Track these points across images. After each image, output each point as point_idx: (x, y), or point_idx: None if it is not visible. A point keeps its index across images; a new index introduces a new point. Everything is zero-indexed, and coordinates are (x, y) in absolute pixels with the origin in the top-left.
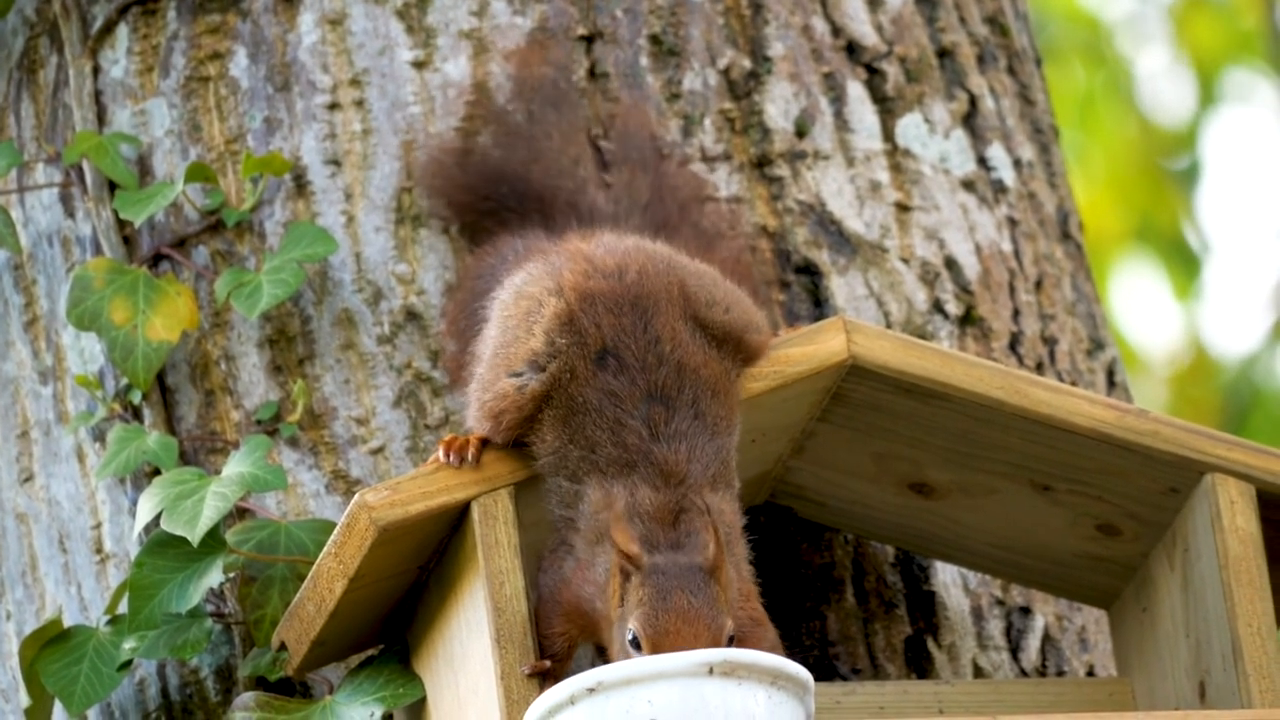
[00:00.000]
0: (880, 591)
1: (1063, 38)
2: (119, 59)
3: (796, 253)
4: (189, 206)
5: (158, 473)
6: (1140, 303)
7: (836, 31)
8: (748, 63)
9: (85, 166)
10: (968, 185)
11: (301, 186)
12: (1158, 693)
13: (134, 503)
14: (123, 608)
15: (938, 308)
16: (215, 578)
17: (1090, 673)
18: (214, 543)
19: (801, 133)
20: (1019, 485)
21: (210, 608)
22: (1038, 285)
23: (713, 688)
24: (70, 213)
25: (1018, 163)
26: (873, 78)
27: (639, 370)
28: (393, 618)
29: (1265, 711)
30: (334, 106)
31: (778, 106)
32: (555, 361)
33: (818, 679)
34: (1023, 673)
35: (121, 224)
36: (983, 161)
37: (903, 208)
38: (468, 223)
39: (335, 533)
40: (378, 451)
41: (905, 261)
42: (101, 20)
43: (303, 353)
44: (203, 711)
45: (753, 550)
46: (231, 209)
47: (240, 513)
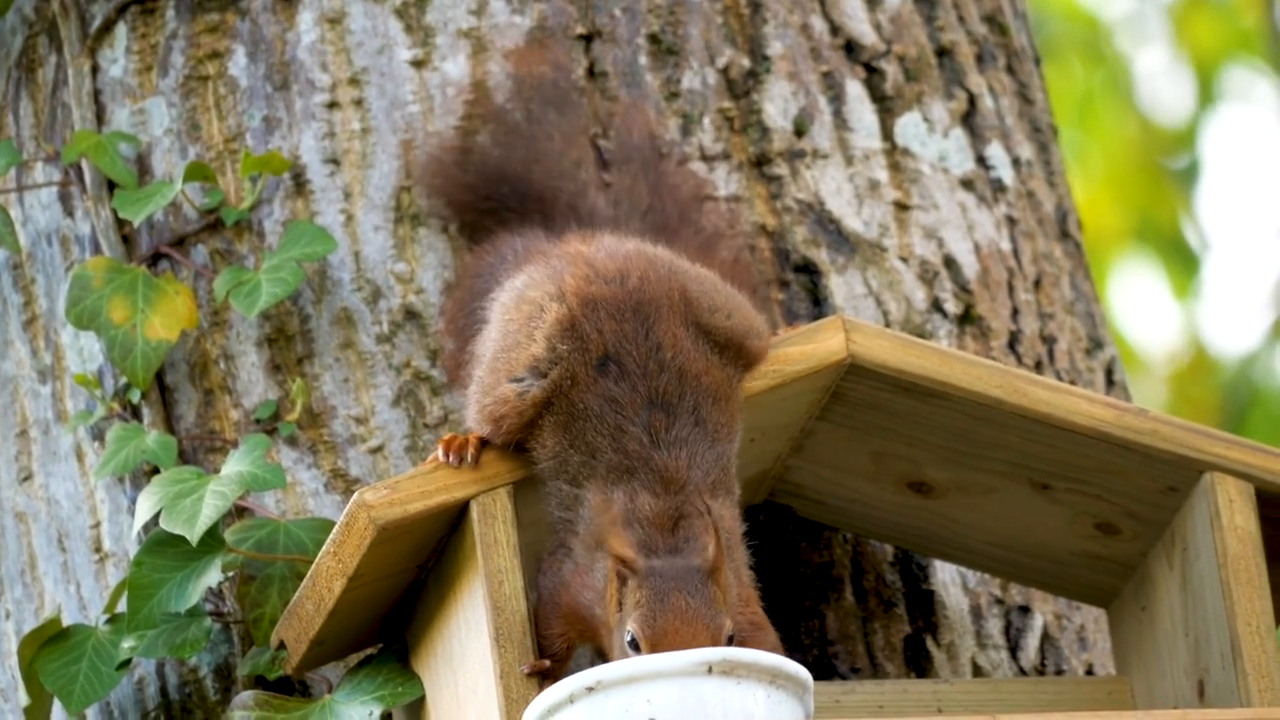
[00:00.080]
0: (879, 590)
1: (1062, 36)
2: (118, 58)
3: (795, 252)
4: (188, 205)
5: (157, 472)
6: (1139, 301)
7: (835, 30)
8: (746, 62)
9: (84, 165)
10: (966, 184)
11: (300, 185)
12: (1156, 691)
13: (133, 502)
14: (122, 606)
15: (936, 306)
16: (214, 577)
17: (1089, 672)
18: (213, 542)
19: (800, 132)
20: (1018, 484)
21: (209, 607)
22: (1036, 284)
23: (711, 687)
24: (69, 212)
25: (1016, 162)
26: (871, 77)
27: (640, 377)
28: (392, 617)
29: (1264, 710)
30: (333, 105)
31: (776, 105)
32: (557, 368)
33: (817, 678)
34: (1022, 672)
35: (120, 223)
36: (981, 160)
37: (901, 207)
38: (467, 222)
39: (334, 531)
40: (377, 450)
41: (904, 260)
42: (100, 19)
43: (301, 352)
44: (202, 710)
45: (752, 548)
46: (230, 208)
47: (239, 511)
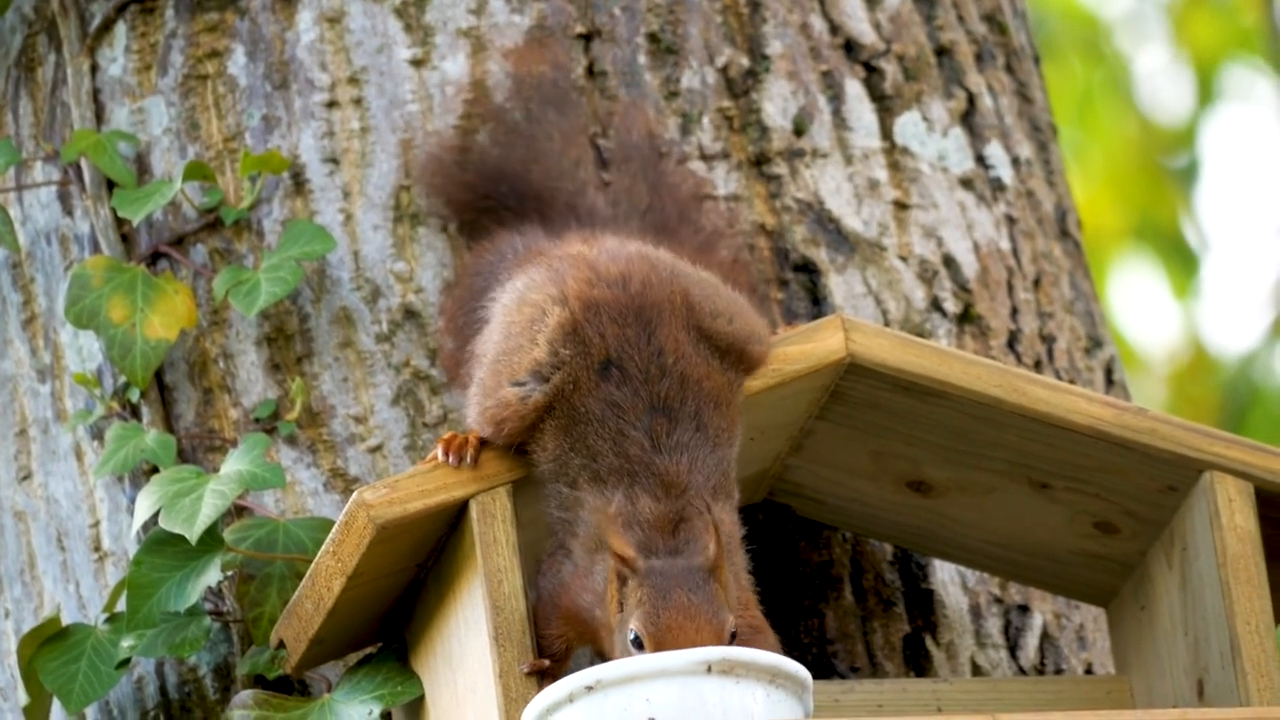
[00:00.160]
0: (878, 589)
1: (1061, 35)
2: (117, 57)
3: (795, 251)
4: (187, 205)
5: (156, 471)
6: (1139, 301)
7: (834, 30)
8: (746, 61)
9: (83, 164)
10: (966, 183)
11: (300, 184)
12: (1156, 691)
13: (132, 501)
14: (121, 606)
15: (936, 306)
16: (213, 576)
17: (1088, 671)
18: (212, 541)
19: (800, 131)
20: (1017, 483)
21: (208, 606)
22: (1036, 283)
23: (711, 686)
24: (68, 211)
25: (1016, 161)
26: (871, 76)
27: (642, 381)
28: (391, 616)
29: (1263, 709)
30: (332, 104)
31: (776, 105)
32: (559, 372)
33: (816, 677)
34: (1021, 671)
35: (120, 222)
36: (981, 160)
37: (901, 206)
38: (466, 221)
39: (333, 531)
40: (376, 449)
41: (903, 259)
42: (100, 18)
43: (301, 351)
44: (201, 710)
45: (751, 548)
46: (230, 207)
47: (238, 511)
